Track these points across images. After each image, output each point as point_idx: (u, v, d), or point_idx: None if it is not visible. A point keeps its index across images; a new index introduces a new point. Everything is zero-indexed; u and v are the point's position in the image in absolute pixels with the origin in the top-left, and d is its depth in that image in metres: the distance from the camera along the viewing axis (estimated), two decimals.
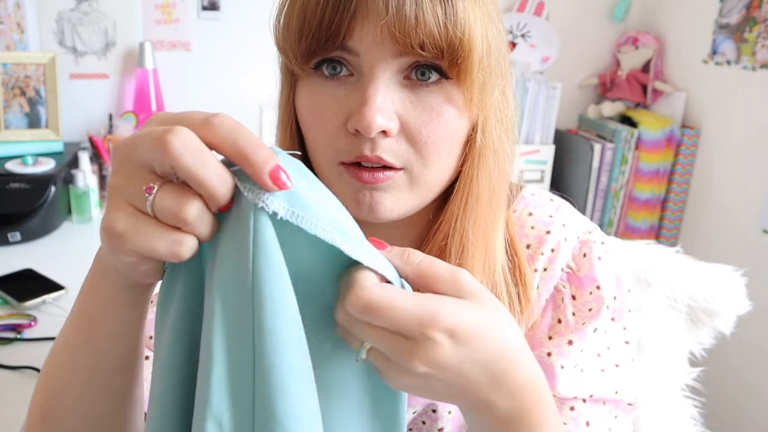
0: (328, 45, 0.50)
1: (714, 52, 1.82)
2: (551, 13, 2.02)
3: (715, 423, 1.10)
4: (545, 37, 2.00)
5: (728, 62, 1.78)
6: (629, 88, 2.01)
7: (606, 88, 2.07)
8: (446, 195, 0.58)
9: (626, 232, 1.98)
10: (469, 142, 0.55)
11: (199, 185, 0.35)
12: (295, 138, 0.58)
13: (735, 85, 1.77)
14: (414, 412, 0.64)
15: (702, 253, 1.22)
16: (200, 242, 0.38)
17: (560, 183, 2.02)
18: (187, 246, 0.36)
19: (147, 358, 0.61)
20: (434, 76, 0.51)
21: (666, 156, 1.90)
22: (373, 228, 0.61)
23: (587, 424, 0.59)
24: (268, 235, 0.37)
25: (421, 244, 0.61)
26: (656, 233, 1.99)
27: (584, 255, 0.63)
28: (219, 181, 0.36)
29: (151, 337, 0.62)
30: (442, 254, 0.57)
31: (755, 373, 1.73)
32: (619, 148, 1.88)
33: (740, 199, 1.77)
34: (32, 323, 1.11)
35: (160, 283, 0.43)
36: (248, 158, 0.35)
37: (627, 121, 1.96)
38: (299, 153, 0.42)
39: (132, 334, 0.47)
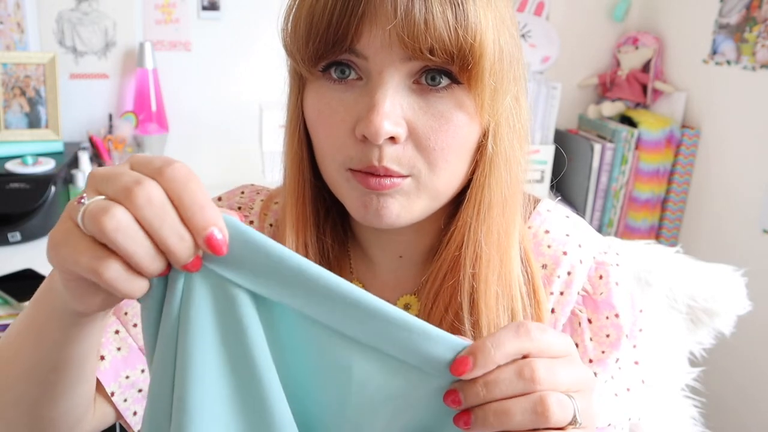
0: (336, 48, 0.49)
1: (714, 52, 1.82)
2: (551, 13, 2.02)
3: (715, 423, 1.09)
4: (545, 37, 2.00)
5: (728, 62, 1.78)
6: (629, 88, 2.01)
7: (606, 88, 2.07)
8: (458, 203, 0.57)
9: (626, 232, 1.97)
10: (480, 149, 0.54)
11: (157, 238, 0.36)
12: (303, 142, 0.57)
13: (735, 85, 1.77)
14: None
15: (702, 253, 1.22)
16: (137, 271, 0.37)
17: (560, 183, 2.02)
18: (109, 266, 0.36)
19: (117, 332, 0.62)
20: (444, 81, 0.50)
21: (666, 156, 1.90)
22: (383, 235, 0.61)
23: None
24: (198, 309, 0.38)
25: (433, 253, 0.60)
26: (656, 233, 1.99)
27: (600, 277, 0.62)
28: (176, 238, 0.36)
29: (126, 313, 0.63)
30: (456, 264, 0.56)
31: (755, 373, 1.73)
32: (619, 148, 1.88)
33: (740, 199, 1.77)
34: None
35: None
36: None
37: (627, 121, 1.96)
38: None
39: (74, 345, 0.46)
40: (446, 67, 0.49)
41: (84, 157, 1.57)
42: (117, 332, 0.62)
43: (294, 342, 0.40)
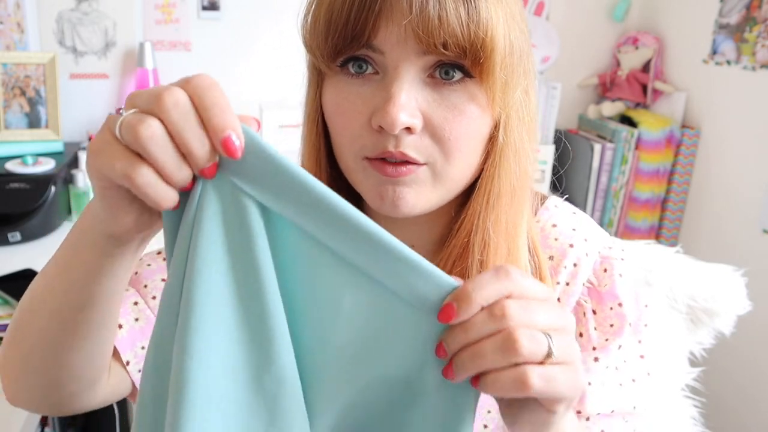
0: (354, 44, 0.51)
1: (714, 52, 1.82)
2: (551, 13, 2.02)
3: (715, 423, 1.09)
4: (545, 36, 2.00)
5: (728, 62, 1.78)
6: (629, 88, 2.01)
7: (606, 88, 2.07)
8: (468, 193, 0.59)
9: (626, 232, 1.97)
10: (492, 140, 0.56)
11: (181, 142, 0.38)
12: (321, 135, 0.59)
13: (735, 85, 1.77)
14: None
15: (702, 253, 1.21)
16: (168, 182, 0.39)
17: (560, 183, 2.02)
18: (141, 170, 0.37)
19: (136, 303, 0.64)
20: (457, 75, 0.52)
21: (666, 156, 1.90)
22: (395, 225, 0.62)
23: None
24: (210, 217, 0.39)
25: (443, 242, 0.61)
26: (656, 233, 1.99)
27: (605, 270, 0.64)
28: (198, 142, 0.38)
29: (145, 286, 0.64)
30: (465, 251, 0.58)
31: (755, 373, 1.73)
32: (619, 148, 1.88)
33: (740, 199, 1.77)
34: None
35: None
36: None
37: (627, 121, 1.96)
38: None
39: (104, 279, 0.47)
40: (459, 62, 0.51)
41: (84, 158, 1.57)
42: (136, 303, 0.63)
43: (293, 259, 0.42)
